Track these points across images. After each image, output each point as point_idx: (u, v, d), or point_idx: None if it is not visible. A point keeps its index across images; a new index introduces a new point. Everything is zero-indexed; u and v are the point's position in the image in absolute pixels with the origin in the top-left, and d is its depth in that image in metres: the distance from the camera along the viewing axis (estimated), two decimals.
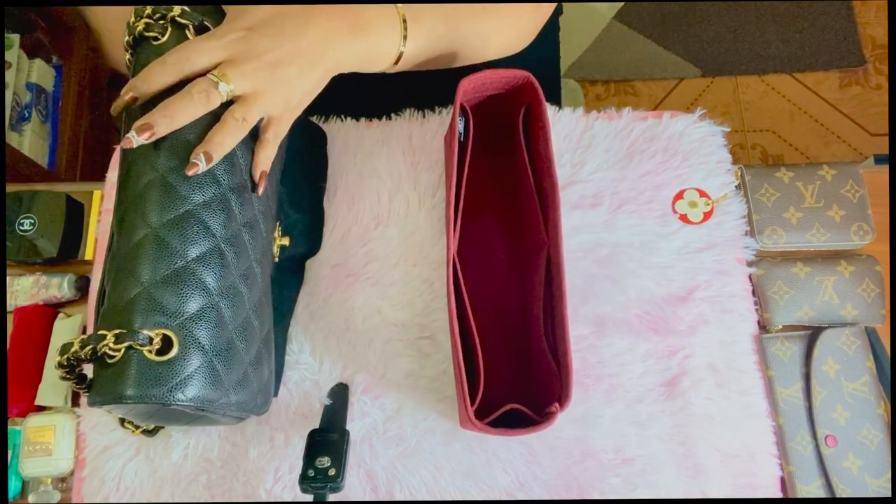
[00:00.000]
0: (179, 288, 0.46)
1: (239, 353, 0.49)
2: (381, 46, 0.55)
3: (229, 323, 0.48)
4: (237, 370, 0.49)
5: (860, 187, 0.69)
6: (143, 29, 0.49)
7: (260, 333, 0.53)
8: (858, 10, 1.70)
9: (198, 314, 0.46)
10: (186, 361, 0.45)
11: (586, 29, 1.71)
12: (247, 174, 0.52)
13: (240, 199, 0.51)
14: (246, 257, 0.51)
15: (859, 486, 0.61)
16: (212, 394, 0.46)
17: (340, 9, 0.52)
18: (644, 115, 0.73)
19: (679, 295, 0.66)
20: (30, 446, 0.62)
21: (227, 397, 0.48)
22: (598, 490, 0.62)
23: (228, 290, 0.49)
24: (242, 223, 0.51)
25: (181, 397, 0.44)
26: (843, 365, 0.64)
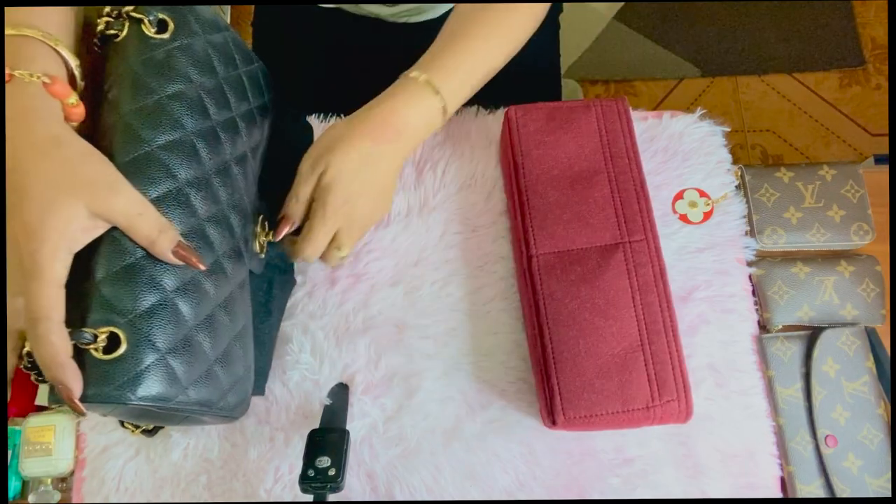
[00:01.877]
0: (130, 285, 0.45)
1: (201, 350, 0.48)
2: (423, 118, 0.59)
3: (189, 319, 0.48)
4: (198, 367, 0.48)
5: (860, 187, 0.69)
6: (104, 28, 0.50)
7: (231, 330, 0.52)
8: (858, 10, 1.70)
9: (149, 311, 0.45)
10: (136, 359, 0.44)
11: (586, 29, 1.71)
12: (209, 168, 0.51)
13: (200, 194, 0.50)
14: (210, 253, 0.50)
15: (859, 486, 0.61)
16: (168, 391, 0.45)
17: (387, 134, 0.58)
18: (644, 115, 0.73)
19: (679, 295, 0.66)
20: (30, 446, 0.62)
21: (186, 395, 0.47)
22: (598, 490, 0.62)
23: (188, 286, 0.48)
24: (205, 217, 0.50)
25: (131, 396, 0.43)
26: (843, 365, 0.64)
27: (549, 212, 0.62)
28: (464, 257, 0.68)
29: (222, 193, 0.53)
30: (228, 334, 0.52)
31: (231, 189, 0.54)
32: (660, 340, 0.57)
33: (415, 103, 0.58)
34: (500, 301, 0.67)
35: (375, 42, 0.81)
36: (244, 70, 0.59)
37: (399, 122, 0.58)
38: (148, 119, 0.48)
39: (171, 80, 0.50)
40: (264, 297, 0.61)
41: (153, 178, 0.47)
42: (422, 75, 0.58)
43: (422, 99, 0.58)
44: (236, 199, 0.55)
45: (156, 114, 0.49)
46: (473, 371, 0.65)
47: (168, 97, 0.50)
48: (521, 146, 0.64)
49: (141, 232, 0.45)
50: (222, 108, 0.54)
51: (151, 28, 0.50)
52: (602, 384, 0.56)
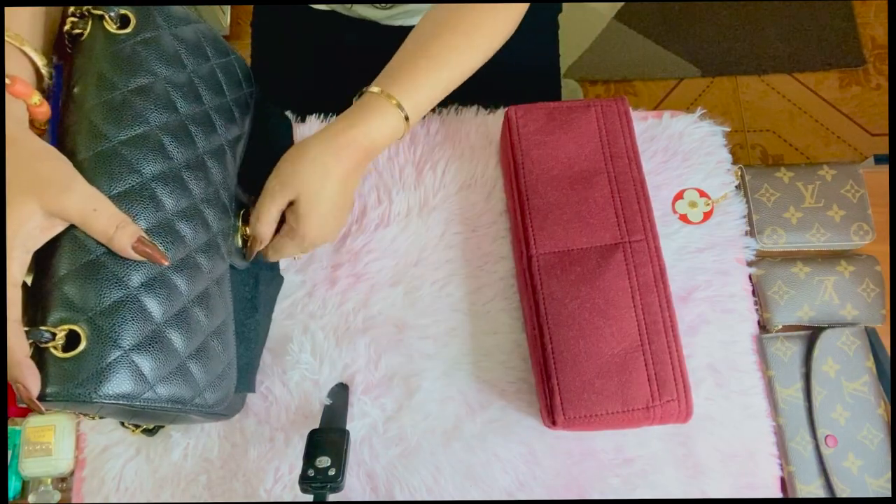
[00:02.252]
0: (91, 283, 0.45)
1: (171, 347, 0.48)
2: (390, 138, 0.60)
3: (156, 316, 0.47)
4: (168, 364, 0.48)
5: (860, 187, 0.69)
6: (70, 28, 0.50)
7: (208, 326, 0.52)
8: (858, 10, 1.70)
9: (111, 308, 0.45)
10: (97, 356, 0.44)
11: (586, 29, 1.71)
12: (178, 163, 0.51)
13: (167, 189, 0.50)
14: (182, 248, 0.50)
15: (859, 486, 0.61)
16: (133, 389, 0.45)
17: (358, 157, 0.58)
18: (644, 115, 0.73)
19: (679, 295, 0.66)
20: (30, 446, 0.62)
21: (154, 392, 0.46)
22: (598, 490, 0.62)
23: (155, 282, 0.48)
24: (175, 212, 0.50)
25: (93, 394, 0.43)
26: (843, 365, 0.64)
27: (549, 212, 0.62)
28: (464, 257, 0.68)
29: (195, 188, 0.52)
30: (204, 330, 0.51)
31: (205, 183, 0.53)
32: (660, 340, 0.57)
33: (383, 124, 0.58)
34: (500, 301, 0.67)
35: (370, 44, 0.81)
36: (217, 62, 0.58)
37: (369, 144, 0.58)
38: (110, 115, 0.48)
39: (134, 74, 0.50)
40: (250, 293, 0.61)
41: (115, 174, 0.47)
42: (386, 91, 0.58)
43: (388, 118, 0.58)
44: (211, 194, 0.54)
45: (118, 109, 0.49)
46: (473, 371, 0.65)
47: (131, 92, 0.50)
48: (521, 146, 0.64)
49: (96, 228, 0.45)
50: (192, 101, 0.54)
51: (113, 24, 0.50)
52: (602, 384, 0.56)
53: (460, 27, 0.61)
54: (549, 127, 0.65)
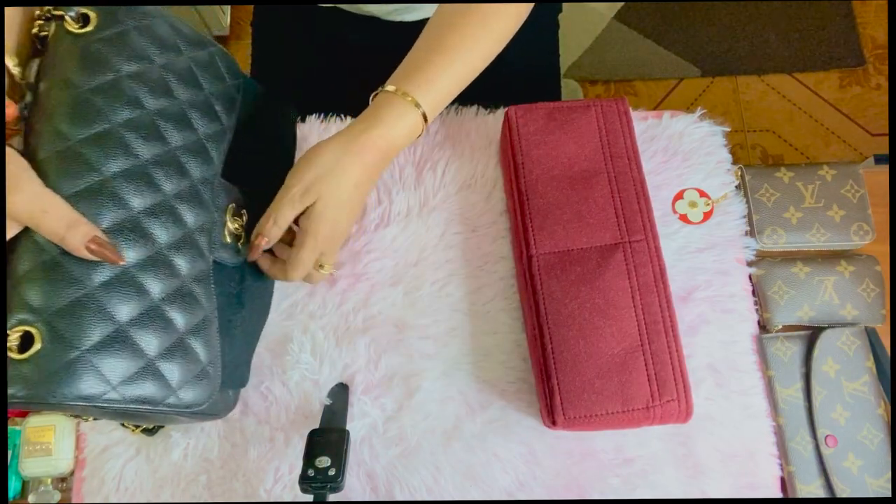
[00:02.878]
0: (47, 283, 0.45)
1: (136, 347, 0.47)
2: (409, 137, 0.61)
3: (119, 315, 0.47)
4: (133, 364, 0.47)
5: (860, 187, 0.69)
6: (38, 31, 0.50)
7: (184, 324, 0.51)
8: (858, 10, 1.70)
9: (68, 308, 0.44)
10: (53, 357, 0.43)
11: (586, 29, 1.71)
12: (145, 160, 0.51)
13: (131, 186, 0.49)
14: (149, 245, 0.50)
15: (859, 486, 0.61)
16: (92, 389, 0.45)
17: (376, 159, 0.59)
18: (644, 115, 0.73)
19: (679, 295, 0.66)
20: (30, 446, 0.62)
21: (118, 392, 0.46)
22: (598, 490, 0.62)
23: (118, 281, 0.47)
24: (141, 209, 0.50)
25: (48, 396, 0.43)
26: (843, 365, 0.64)
27: (549, 212, 0.62)
28: (464, 257, 0.68)
29: (165, 184, 0.52)
30: (178, 329, 0.51)
31: (179, 179, 0.53)
32: (660, 340, 0.57)
33: (401, 124, 0.59)
34: (500, 301, 0.67)
35: (373, 41, 0.81)
36: (192, 56, 0.58)
37: (387, 146, 0.59)
38: (70, 114, 0.48)
39: (95, 73, 0.50)
40: (236, 288, 0.60)
41: (74, 173, 0.47)
42: (401, 90, 0.58)
43: (406, 117, 0.59)
44: (187, 189, 0.53)
45: (78, 108, 0.49)
46: (473, 371, 0.65)
47: (92, 90, 0.49)
48: (521, 146, 0.64)
49: (47, 229, 0.45)
50: (161, 96, 0.54)
51: (75, 24, 0.50)
52: (602, 384, 0.56)
53: (473, 19, 0.61)
54: (549, 127, 0.65)
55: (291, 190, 0.58)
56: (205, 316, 0.53)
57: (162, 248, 0.51)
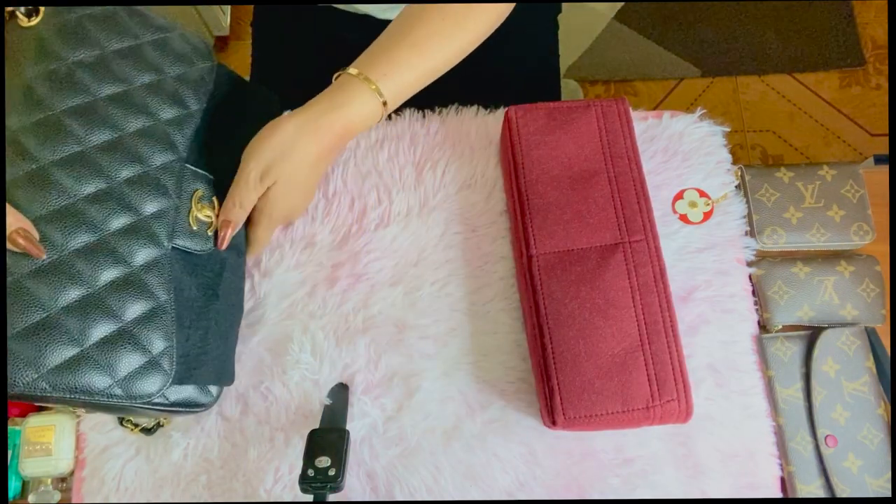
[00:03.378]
0: None
1: (68, 335, 0.47)
2: (366, 123, 0.61)
3: (49, 302, 0.47)
4: (63, 352, 0.47)
5: (860, 187, 0.69)
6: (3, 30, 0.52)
7: (128, 314, 0.51)
8: (858, 10, 1.70)
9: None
10: None
11: (586, 29, 1.71)
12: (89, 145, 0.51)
13: (72, 173, 0.50)
14: (90, 232, 0.50)
15: (859, 486, 0.61)
16: (17, 377, 0.45)
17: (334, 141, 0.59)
18: (644, 115, 0.73)
19: (679, 295, 0.66)
20: (30, 446, 0.62)
21: (46, 381, 0.46)
22: (598, 490, 0.62)
23: (47, 268, 0.47)
24: (83, 196, 0.50)
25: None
26: (843, 365, 0.64)
27: (548, 212, 0.62)
28: (464, 257, 0.68)
29: (114, 170, 0.52)
30: (121, 318, 0.50)
31: (131, 165, 0.53)
32: (660, 340, 0.57)
33: (360, 110, 0.58)
34: (500, 301, 0.67)
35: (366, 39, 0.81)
36: (150, 39, 0.57)
37: (344, 130, 0.59)
38: (11, 104, 0.50)
39: (40, 60, 0.51)
40: (212, 280, 0.59)
41: (11, 162, 0.48)
42: (364, 75, 0.58)
43: (367, 104, 0.58)
44: (139, 176, 0.53)
45: (19, 98, 0.50)
46: (473, 371, 0.65)
47: (35, 78, 0.51)
48: (521, 146, 0.64)
49: None
50: (109, 82, 0.54)
51: (26, 18, 0.52)
52: (602, 384, 0.56)
53: (449, 15, 0.61)
54: (549, 127, 0.65)
55: (250, 172, 0.58)
56: (156, 306, 0.52)
57: (106, 236, 0.51)
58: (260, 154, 0.58)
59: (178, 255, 0.56)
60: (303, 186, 0.60)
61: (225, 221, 0.59)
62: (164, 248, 0.54)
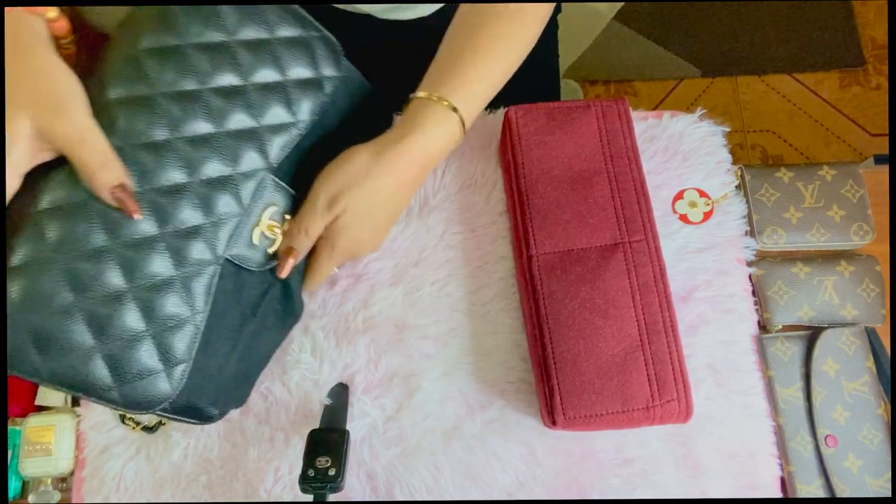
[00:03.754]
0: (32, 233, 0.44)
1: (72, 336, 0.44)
2: (446, 146, 0.57)
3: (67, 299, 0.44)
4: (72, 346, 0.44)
5: (860, 187, 0.69)
6: None
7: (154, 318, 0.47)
8: (858, 10, 1.70)
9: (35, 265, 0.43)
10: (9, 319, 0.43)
11: (586, 29, 1.71)
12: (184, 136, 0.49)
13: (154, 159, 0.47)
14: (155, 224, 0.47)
15: (859, 486, 0.61)
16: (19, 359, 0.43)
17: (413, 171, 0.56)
18: (644, 115, 0.73)
19: (679, 295, 0.66)
20: (30, 446, 0.62)
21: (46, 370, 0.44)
22: (598, 490, 0.62)
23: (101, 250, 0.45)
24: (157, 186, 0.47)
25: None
26: (843, 365, 0.64)
27: (548, 212, 0.62)
28: (464, 257, 0.68)
29: (197, 166, 0.49)
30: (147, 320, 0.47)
31: (217, 162, 0.50)
32: (660, 340, 0.57)
33: (438, 131, 0.55)
34: (500, 301, 0.67)
35: (371, 39, 0.81)
36: (284, 36, 0.53)
37: (424, 157, 0.55)
38: (113, 71, 0.47)
39: (161, 34, 0.48)
40: (254, 300, 0.56)
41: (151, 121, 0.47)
42: (436, 94, 0.55)
43: (444, 123, 0.55)
44: (218, 177, 0.50)
45: (121, 66, 0.48)
46: (473, 371, 0.65)
47: (144, 50, 0.48)
48: (521, 146, 0.64)
49: (79, 159, 0.43)
50: (223, 71, 0.50)
51: None
52: (602, 384, 0.56)
53: (504, 16, 0.57)
54: (548, 127, 0.65)
55: (318, 199, 0.54)
56: (190, 314, 0.49)
57: (167, 232, 0.48)
58: (331, 180, 0.54)
59: (229, 267, 0.52)
60: (374, 220, 0.55)
61: (288, 248, 0.55)
62: (217, 257, 0.51)
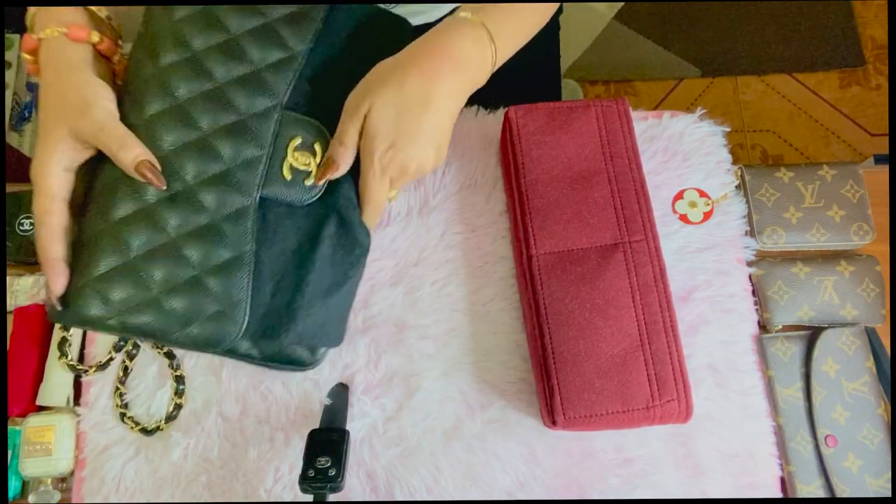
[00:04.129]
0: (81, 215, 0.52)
1: (140, 279, 0.50)
2: (483, 70, 0.57)
3: (125, 249, 0.50)
4: (134, 295, 0.50)
5: (860, 187, 0.69)
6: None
7: (198, 262, 0.51)
8: (858, 10, 1.70)
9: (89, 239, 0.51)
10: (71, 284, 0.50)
11: (586, 29, 1.71)
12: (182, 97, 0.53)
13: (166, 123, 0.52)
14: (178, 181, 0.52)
15: (859, 486, 0.61)
16: (97, 313, 0.49)
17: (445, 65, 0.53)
18: (644, 115, 0.73)
19: (679, 295, 0.66)
20: (30, 446, 0.62)
21: (116, 319, 0.50)
22: (598, 490, 0.62)
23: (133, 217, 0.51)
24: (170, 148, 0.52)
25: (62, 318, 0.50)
26: (843, 365, 0.64)
27: (549, 212, 0.62)
28: (464, 257, 0.68)
29: (206, 120, 0.53)
30: (192, 265, 0.51)
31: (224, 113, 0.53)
32: (660, 340, 0.57)
33: (463, 32, 0.54)
34: (500, 301, 0.67)
35: None
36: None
37: (454, 51, 0.53)
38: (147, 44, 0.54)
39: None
40: (312, 233, 0.56)
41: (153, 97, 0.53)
42: (475, 17, 0.54)
43: (475, 37, 0.54)
44: (230, 124, 0.53)
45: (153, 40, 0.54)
46: (473, 371, 0.65)
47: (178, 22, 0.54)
48: (521, 146, 0.64)
49: (103, 145, 0.50)
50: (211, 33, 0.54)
51: None
52: (602, 384, 0.56)
53: None
54: (549, 127, 0.65)
55: (347, 104, 0.54)
56: (236, 255, 0.52)
57: (191, 185, 0.52)
58: (359, 86, 0.54)
59: (274, 206, 0.55)
60: (408, 121, 0.52)
61: (327, 160, 0.55)
62: (250, 198, 0.53)
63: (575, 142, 0.64)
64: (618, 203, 0.62)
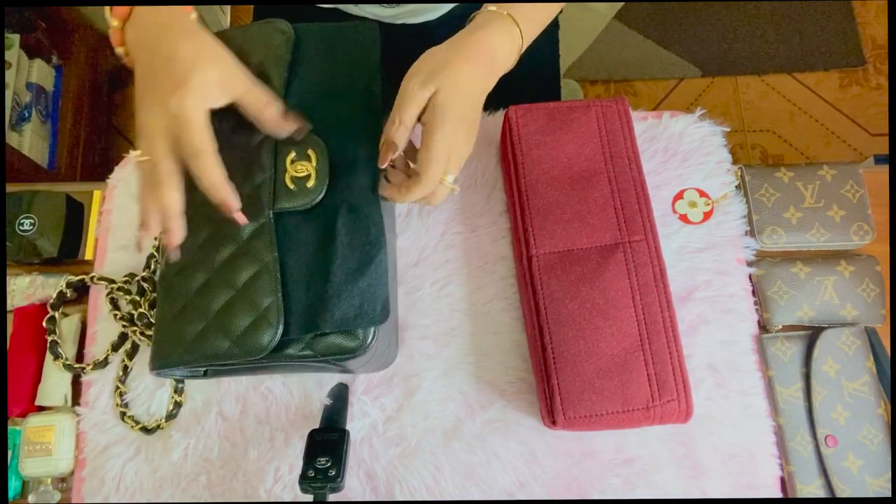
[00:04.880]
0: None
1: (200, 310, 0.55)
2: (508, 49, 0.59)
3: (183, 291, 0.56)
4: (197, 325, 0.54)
5: (860, 187, 0.69)
6: None
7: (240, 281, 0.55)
8: (858, 10, 1.70)
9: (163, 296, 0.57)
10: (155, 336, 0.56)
11: (586, 29, 1.71)
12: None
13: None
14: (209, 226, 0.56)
15: (859, 486, 0.61)
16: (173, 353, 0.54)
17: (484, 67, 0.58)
18: (644, 115, 0.73)
19: (679, 295, 0.66)
20: (30, 446, 0.62)
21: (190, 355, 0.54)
22: (598, 490, 0.62)
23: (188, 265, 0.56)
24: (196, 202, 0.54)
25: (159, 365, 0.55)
26: (843, 365, 0.64)
27: (548, 212, 0.62)
28: (464, 257, 0.68)
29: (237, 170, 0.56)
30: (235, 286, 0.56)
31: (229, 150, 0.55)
32: (660, 340, 0.57)
33: (499, 30, 0.58)
34: (500, 301, 0.67)
35: None
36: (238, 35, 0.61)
37: (491, 50, 0.57)
38: None
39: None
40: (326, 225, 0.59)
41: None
42: (505, 11, 0.58)
43: (508, 32, 0.58)
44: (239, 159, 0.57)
45: None
46: (473, 371, 0.65)
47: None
48: (521, 146, 0.64)
49: (249, 103, 0.54)
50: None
51: None
52: (602, 384, 0.56)
53: None
54: (549, 127, 0.65)
55: (409, 86, 0.55)
56: (261, 267, 0.56)
57: (220, 225, 0.56)
58: (418, 69, 0.56)
59: (289, 216, 0.58)
60: (465, 109, 0.56)
61: (385, 140, 0.56)
62: (266, 217, 0.57)
63: (575, 142, 0.64)
64: (618, 203, 0.62)
